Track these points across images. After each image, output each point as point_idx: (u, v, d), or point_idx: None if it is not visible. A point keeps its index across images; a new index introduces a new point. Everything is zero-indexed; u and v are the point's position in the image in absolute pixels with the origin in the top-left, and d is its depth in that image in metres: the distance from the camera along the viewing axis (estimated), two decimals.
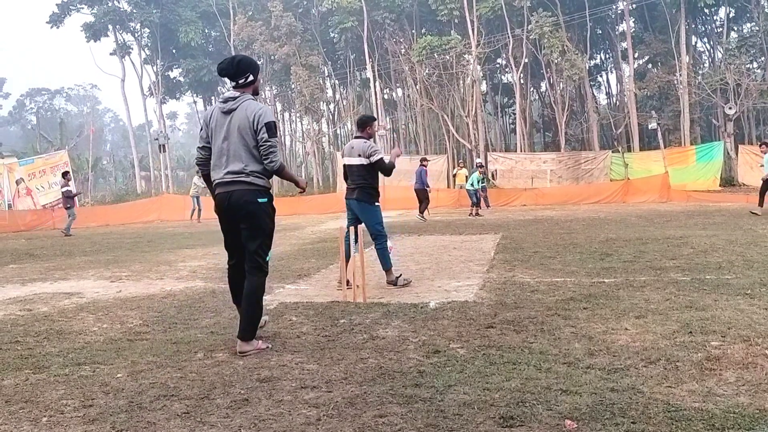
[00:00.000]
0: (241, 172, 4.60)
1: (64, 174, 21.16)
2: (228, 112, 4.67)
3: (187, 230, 19.43)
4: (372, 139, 7.57)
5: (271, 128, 4.61)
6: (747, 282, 6.59)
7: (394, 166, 7.40)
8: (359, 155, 7.26)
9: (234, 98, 4.69)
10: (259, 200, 4.63)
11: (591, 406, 3.28)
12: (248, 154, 4.61)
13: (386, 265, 7.43)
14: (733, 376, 3.70)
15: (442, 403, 3.42)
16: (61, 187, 20.47)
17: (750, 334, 4.52)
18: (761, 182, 16.50)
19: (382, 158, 7.28)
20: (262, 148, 4.58)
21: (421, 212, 20.05)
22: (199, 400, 3.62)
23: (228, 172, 4.63)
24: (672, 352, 4.17)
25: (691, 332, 4.65)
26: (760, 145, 17.75)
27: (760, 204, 15.79)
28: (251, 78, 4.77)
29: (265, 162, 4.61)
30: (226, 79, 4.87)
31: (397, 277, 7.36)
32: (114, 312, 6.35)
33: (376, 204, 7.38)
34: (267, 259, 4.74)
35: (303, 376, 3.98)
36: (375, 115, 6.66)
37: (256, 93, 4.85)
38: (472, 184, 22.04)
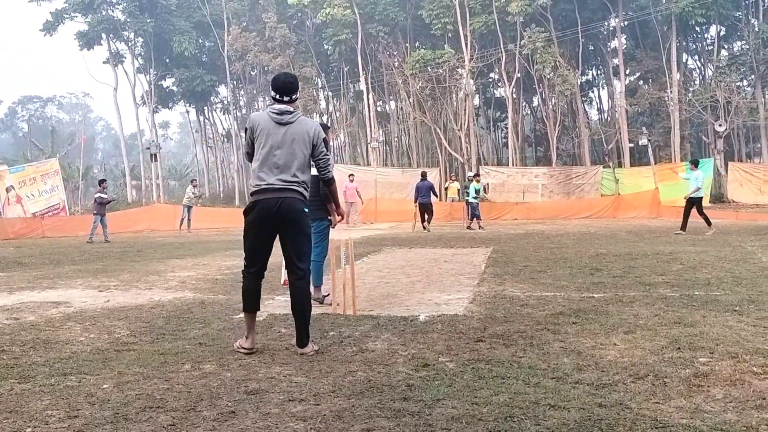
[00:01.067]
0: (293, 181, 4.89)
1: (101, 182, 21.54)
2: (284, 124, 4.91)
3: (177, 240, 19.36)
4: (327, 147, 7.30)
5: (327, 143, 5.11)
6: (735, 298, 6.62)
7: (334, 192, 7.06)
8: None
9: (290, 112, 4.94)
10: (305, 209, 4.98)
11: (579, 422, 3.28)
12: (301, 165, 4.92)
13: (316, 280, 7.16)
14: (721, 392, 3.71)
15: (430, 417, 3.41)
16: (95, 194, 20.98)
17: (738, 351, 4.54)
18: (685, 202, 16.29)
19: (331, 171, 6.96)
20: (321, 160, 5.03)
21: (428, 223, 20.45)
22: (185, 412, 3.60)
23: (279, 179, 4.87)
24: (660, 368, 4.18)
25: (679, 348, 4.67)
26: (689, 163, 17.75)
27: (683, 228, 15.78)
28: (296, 96, 5.13)
29: (322, 172, 5.10)
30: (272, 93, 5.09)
31: (325, 296, 7.12)
32: (101, 322, 6.31)
33: (329, 218, 7.09)
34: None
35: (291, 389, 3.96)
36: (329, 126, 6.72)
37: None
38: (474, 197, 21.58)
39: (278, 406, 3.66)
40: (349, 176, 25.39)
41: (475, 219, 21.14)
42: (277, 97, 5.00)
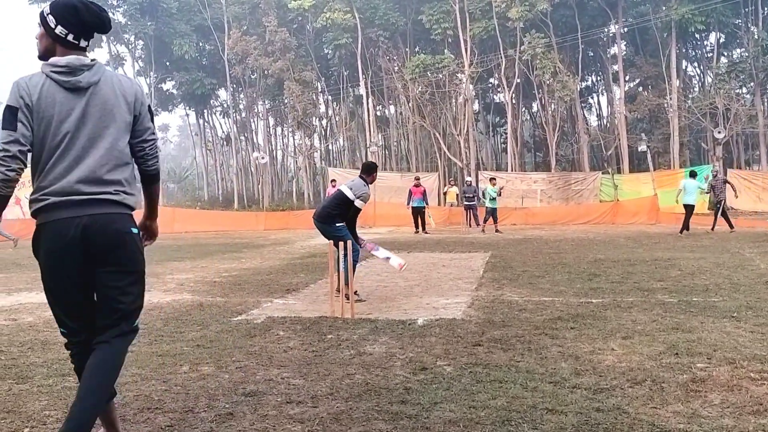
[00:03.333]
0: (109, 182, 2.90)
1: None
2: (81, 89, 2.89)
3: (176, 243, 19.34)
4: (370, 186, 8.06)
5: (152, 115, 3.15)
6: (733, 305, 6.63)
7: (354, 223, 8.00)
8: (350, 188, 7.87)
9: (89, 67, 2.92)
10: (133, 230, 3.00)
11: (576, 426, 3.29)
12: (118, 155, 2.94)
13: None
14: (718, 398, 3.71)
15: (427, 420, 3.42)
16: None
17: (735, 357, 4.54)
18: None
19: (359, 210, 7.94)
20: (147, 144, 3.04)
21: (425, 228, 20.93)
22: (183, 413, 3.60)
23: (81, 181, 2.85)
24: (658, 373, 4.19)
25: (677, 354, 4.67)
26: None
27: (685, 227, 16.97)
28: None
29: (146, 165, 3.07)
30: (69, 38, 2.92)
31: (354, 291, 7.19)
32: None
33: (337, 224, 7.80)
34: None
35: (289, 391, 3.97)
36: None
37: None
38: (492, 199, 21.19)
39: (276, 408, 3.67)
40: (332, 182, 25.28)
41: (491, 220, 21.06)
42: (71, 39, 2.91)
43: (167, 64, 46.08)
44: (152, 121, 3.11)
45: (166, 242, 19.86)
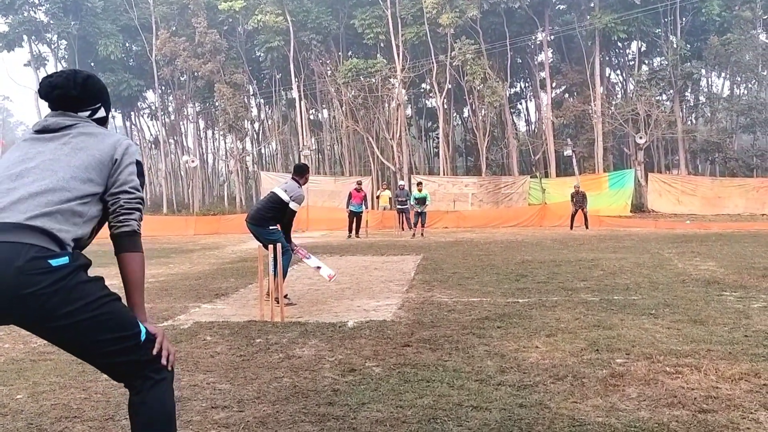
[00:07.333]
0: (44, 213, 2.26)
1: None
2: (53, 131, 2.46)
3: (100, 248, 18.75)
4: (303, 188, 7.92)
5: (142, 173, 2.50)
6: (652, 303, 6.90)
7: (290, 227, 7.80)
8: (285, 191, 7.70)
9: (72, 118, 2.53)
10: (54, 263, 2.21)
11: (500, 422, 3.35)
12: (72, 194, 2.35)
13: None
14: (636, 391, 3.85)
15: (354, 420, 3.42)
16: None
17: (652, 352, 4.72)
18: None
19: (295, 212, 7.72)
20: (123, 198, 2.41)
21: (358, 232, 20.94)
22: (103, 421, 3.50)
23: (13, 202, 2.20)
24: (579, 369, 4.31)
25: (597, 350, 4.83)
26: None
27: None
28: (103, 112, 2.65)
29: (118, 221, 2.47)
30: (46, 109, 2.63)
31: (285, 295, 7.18)
32: (17, 331, 6.05)
33: (270, 228, 7.68)
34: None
35: (214, 396, 3.90)
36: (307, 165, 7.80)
37: None
38: (418, 204, 21.34)
39: (200, 413, 3.61)
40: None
41: (419, 224, 21.17)
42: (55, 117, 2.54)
43: (92, 64, 44.59)
44: (141, 177, 2.49)
45: (90, 248, 19.21)
